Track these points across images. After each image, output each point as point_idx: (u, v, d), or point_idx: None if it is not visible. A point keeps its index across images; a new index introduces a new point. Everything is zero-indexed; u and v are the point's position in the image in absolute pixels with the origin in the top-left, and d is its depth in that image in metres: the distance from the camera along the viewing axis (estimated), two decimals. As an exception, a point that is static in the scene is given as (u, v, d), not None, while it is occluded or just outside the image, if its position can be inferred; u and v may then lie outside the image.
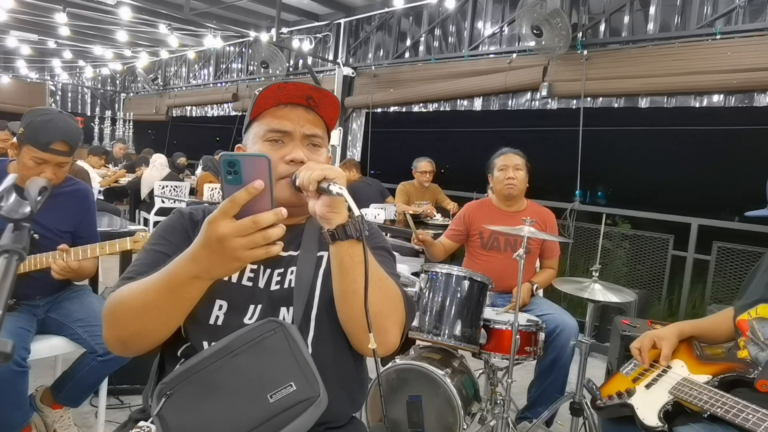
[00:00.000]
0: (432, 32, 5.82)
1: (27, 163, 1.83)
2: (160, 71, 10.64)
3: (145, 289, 0.88)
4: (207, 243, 0.79)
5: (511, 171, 2.64)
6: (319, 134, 1.07)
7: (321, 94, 1.05)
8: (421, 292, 2.13)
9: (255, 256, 0.79)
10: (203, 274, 0.83)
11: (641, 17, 4.28)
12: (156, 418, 0.89)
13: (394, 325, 0.96)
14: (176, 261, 0.85)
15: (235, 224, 0.77)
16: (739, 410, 1.19)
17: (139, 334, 0.91)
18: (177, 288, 0.85)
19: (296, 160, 1.01)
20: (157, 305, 0.87)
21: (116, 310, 0.91)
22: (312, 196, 0.90)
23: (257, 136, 1.06)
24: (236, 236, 0.77)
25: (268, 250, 0.78)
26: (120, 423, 1.07)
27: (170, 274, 0.85)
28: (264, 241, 0.77)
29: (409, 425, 1.96)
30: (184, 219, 1.10)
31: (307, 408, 0.87)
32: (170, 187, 6.28)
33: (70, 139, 1.86)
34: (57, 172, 1.88)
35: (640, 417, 1.37)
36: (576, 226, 4.47)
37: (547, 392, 2.38)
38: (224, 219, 0.77)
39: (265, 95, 1.04)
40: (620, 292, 2.08)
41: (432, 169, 4.96)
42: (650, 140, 12.60)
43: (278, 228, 0.78)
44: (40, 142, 1.80)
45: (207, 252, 0.79)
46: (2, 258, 0.69)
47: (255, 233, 0.77)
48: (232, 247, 0.77)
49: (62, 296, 2.07)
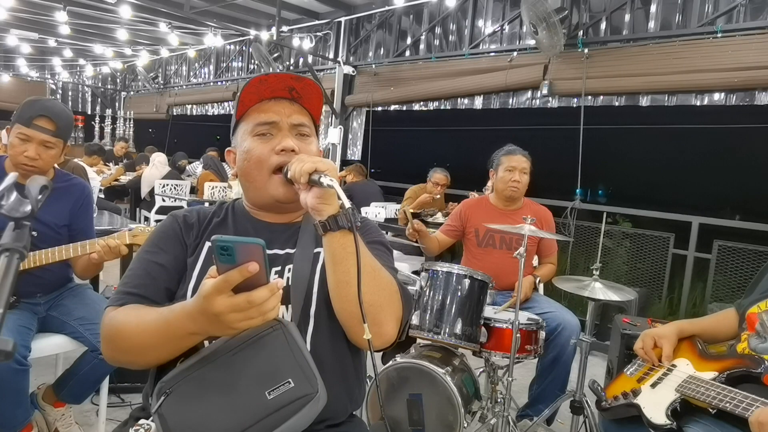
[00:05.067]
0: (432, 30, 5.81)
1: (12, 141, 1.84)
2: (161, 70, 10.65)
3: (144, 330, 0.91)
4: (203, 312, 0.80)
5: (518, 174, 2.63)
6: (306, 123, 1.08)
7: (303, 84, 1.06)
8: (422, 291, 2.13)
9: (251, 325, 0.81)
10: (200, 332, 0.86)
11: (642, 15, 4.27)
12: (156, 415, 0.89)
13: (390, 317, 0.96)
14: (175, 313, 0.86)
15: (230, 301, 0.78)
16: (749, 404, 1.18)
17: (137, 362, 0.97)
18: (174, 338, 0.88)
19: (287, 149, 1.02)
20: (155, 346, 0.91)
21: (114, 339, 0.95)
22: (303, 189, 0.91)
23: (246, 133, 1.06)
24: (231, 312, 0.78)
25: (265, 319, 0.81)
26: (121, 421, 1.07)
27: (168, 323, 0.87)
28: (259, 314, 0.79)
29: (409, 423, 1.96)
30: (177, 224, 1.10)
31: (305, 404, 0.87)
32: (171, 186, 6.28)
33: (53, 115, 1.84)
34: (41, 152, 1.84)
35: (648, 416, 1.36)
36: (576, 225, 4.47)
37: (548, 390, 2.38)
38: (218, 296, 0.78)
39: (248, 90, 1.04)
40: (621, 290, 2.08)
41: (446, 183, 4.92)
42: (651, 139, 12.60)
43: (273, 299, 0.79)
44: (24, 118, 1.82)
45: (204, 318, 0.81)
46: (3, 257, 0.69)
47: (250, 309, 0.78)
48: (227, 321, 0.79)
49: (63, 294, 2.07)
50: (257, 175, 1.04)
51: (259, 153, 1.04)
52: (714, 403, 1.25)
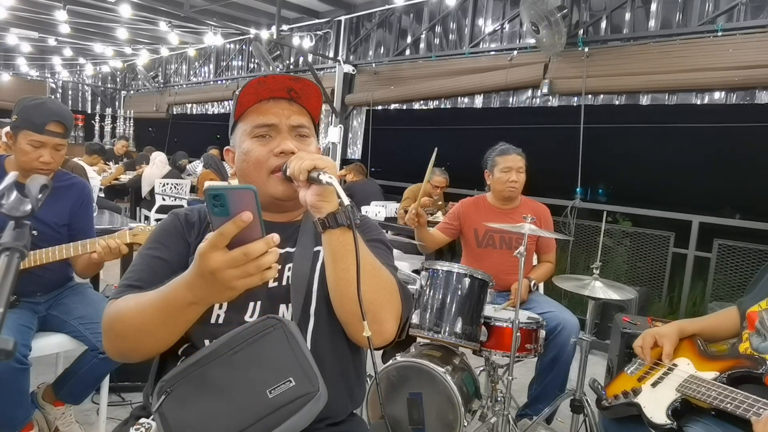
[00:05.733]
0: (433, 29, 5.81)
1: (24, 148, 1.83)
2: (161, 69, 10.64)
3: (143, 309, 0.89)
4: (201, 273, 0.79)
5: (515, 174, 2.62)
6: (305, 124, 1.08)
7: (302, 84, 1.06)
8: (422, 290, 2.14)
9: (249, 284, 0.79)
10: (199, 301, 0.84)
11: (642, 14, 4.27)
12: (156, 414, 0.90)
13: (389, 315, 0.96)
14: (173, 285, 0.86)
15: (226, 257, 0.76)
16: (750, 405, 1.17)
17: (139, 348, 0.94)
18: (174, 312, 0.87)
19: (286, 152, 1.01)
20: (155, 325, 0.89)
21: (115, 325, 0.93)
22: (303, 186, 0.91)
23: (244, 134, 1.06)
24: (228, 268, 0.77)
25: (263, 276, 0.79)
26: (121, 420, 1.08)
27: (167, 298, 0.86)
28: (257, 270, 0.78)
29: (409, 422, 1.96)
30: (179, 221, 1.10)
31: (306, 403, 0.87)
32: (171, 185, 6.28)
33: (63, 119, 1.88)
34: (54, 155, 1.88)
35: (648, 415, 1.36)
36: (577, 224, 4.47)
37: (548, 389, 2.38)
38: (214, 251, 0.77)
39: (246, 92, 1.04)
40: (621, 289, 2.08)
41: (445, 185, 4.91)
42: (651, 138, 12.59)
43: (271, 254, 0.78)
44: (36, 124, 1.81)
45: (202, 281, 0.80)
46: (3, 256, 0.70)
47: (247, 264, 0.77)
48: (225, 279, 0.77)
49: (63, 293, 2.07)
50: (256, 176, 1.04)
51: (258, 155, 1.03)
52: (715, 404, 1.24)
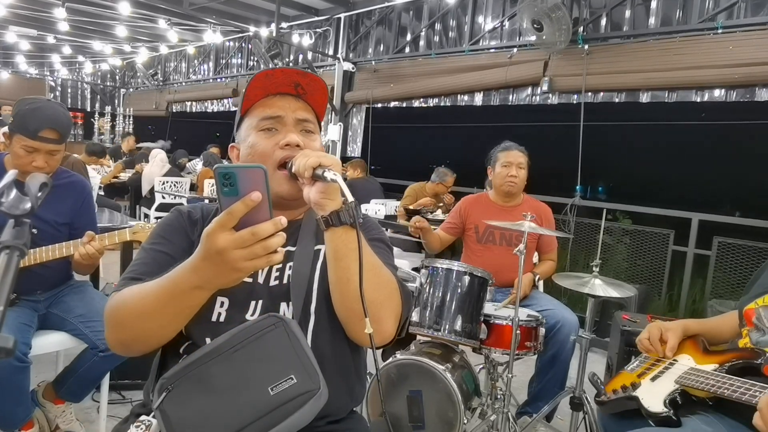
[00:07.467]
0: (432, 27, 5.80)
1: (18, 152, 1.84)
2: (160, 66, 10.62)
3: (146, 295, 0.88)
4: (207, 255, 0.78)
5: (515, 169, 2.63)
6: (311, 120, 1.08)
7: (309, 79, 1.06)
8: (422, 288, 2.14)
9: (256, 266, 0.79)
10: (205, 284, 0.83)
11: (642, 11, 4.26)
12: (157, 411, 0.90)
13: (389, 315, 0.96)
14: (178, 270, 0.85)
15: (234, 237, 0.76)
16: (747, 389, 1.17)
17: (141, 337, 0.92)
18: (178, 297, 0.85)
19: (291, 144, 1.01)
20: (159, 312, 0.87)
21: (118, 313, 0.92)
22: (307, 183, 0.91)
23: (250, 128, 1.06)
24: (235, 248, 0.76)
25: (269, 260, 0.78)
26: (122, 418, 1.08)
27: (172, 282, 0.85)
28: (264, 251, 0.77)
29: (409, 420, 1.97)
30: (182, 218, 1.10)
31: (307, 400, 0.88)
32: (171, 183, 6.28)
33: (58, 126, 1.87)
34: (48, 160, 1.88)
35: (645, 406, 1.35)
36: (576, 222, 4.47)
37: (548, 387, 2.38)
38: (222, 232, 0.76)
39: (254, 85, 1.04)
40: (620, 287, 2.08)
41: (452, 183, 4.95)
42: (651, 135, 12.58)
43: (278, 237, 0.77)
44: (29, 130, 1.81)
45: (207, 263, 0.79)
46: (3, 254, 0.69)
47: (254, 244, 0.76)
48: (232, 259, 0.77)
49: (63, 291, 2.07)
50: None
51: (264, 147, 1.03)
52: (713, 391, 1.24)
